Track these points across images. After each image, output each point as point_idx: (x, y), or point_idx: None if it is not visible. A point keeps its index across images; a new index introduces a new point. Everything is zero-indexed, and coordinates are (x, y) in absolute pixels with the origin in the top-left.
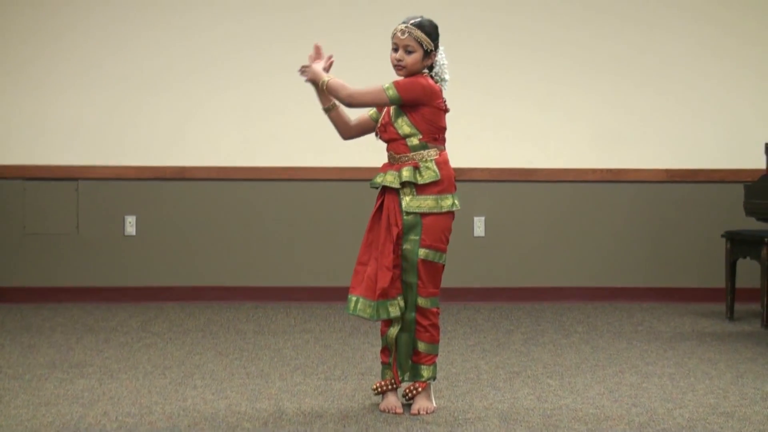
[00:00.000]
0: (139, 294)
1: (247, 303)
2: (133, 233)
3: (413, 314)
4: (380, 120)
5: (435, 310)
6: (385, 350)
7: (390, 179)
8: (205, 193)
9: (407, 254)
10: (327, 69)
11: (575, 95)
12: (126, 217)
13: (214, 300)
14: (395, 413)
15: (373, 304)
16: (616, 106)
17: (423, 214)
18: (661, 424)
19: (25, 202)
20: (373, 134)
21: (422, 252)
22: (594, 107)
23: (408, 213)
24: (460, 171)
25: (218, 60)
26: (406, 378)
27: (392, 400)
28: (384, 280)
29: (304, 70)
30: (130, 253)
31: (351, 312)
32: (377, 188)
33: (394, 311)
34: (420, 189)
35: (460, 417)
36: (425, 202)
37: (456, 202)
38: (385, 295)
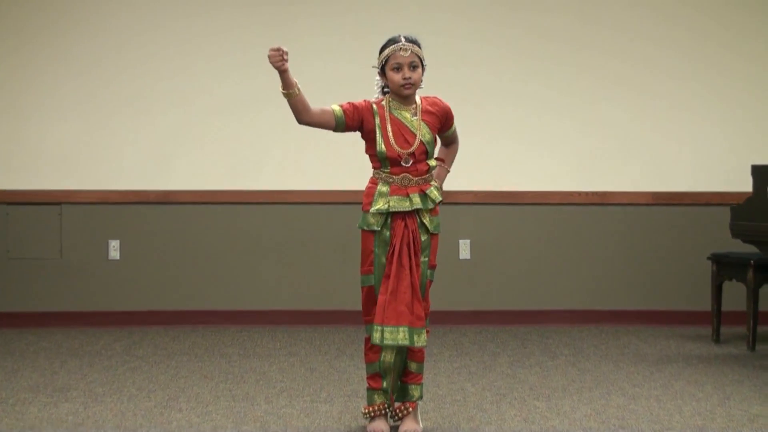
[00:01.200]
0: (123, 318)
1: (231, 326)
2: (117, 257)
3: None
4: (411, 150)
5: (428, 329)
6: (375, 376)
7: (418, 201)
8: (189, 217)
9: (420, 276)
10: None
11: (561, 119)
12: (110, 241)
13: (199, 324)
14: None
15: (414, 330)
16: (603, 130)
17: (432, 235)
18: None
19: (8, 227)
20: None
21: (429, 273)
22: (580, 130)
23: (428, 234)
24: (446, 194)
25: (202, 84)
26: (395, 398)
27: (380, 423)
28: (420, 308)
29: None
30: (114, 278)
31: (399, 342)
32: (393, 213)
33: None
34: (432, 210)
35: None
36: (437, 222)
37: None
38: (420, 321)
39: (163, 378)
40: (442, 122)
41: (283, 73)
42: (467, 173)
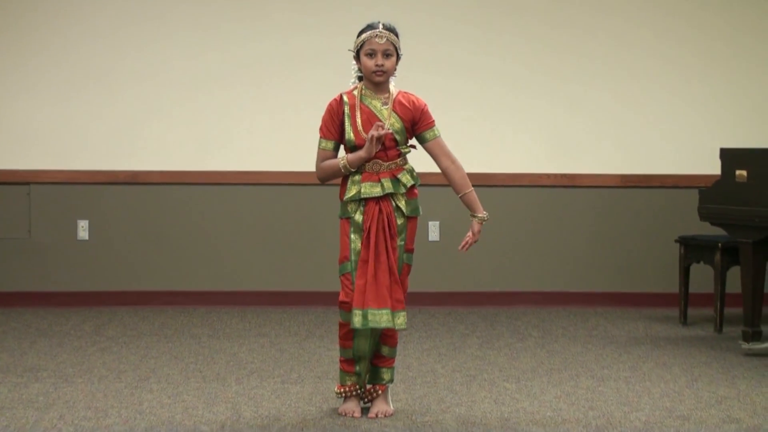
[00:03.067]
0: (92, 298)
1: (200, 307)
2: (86, 238)
3: None
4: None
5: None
6: (349, 361)
7: (390, 185)
8: (158, 197)
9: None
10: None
11: (530, 100)
12: (79, 221)
13: (168, 304)
14: (353, 417)
15: (394, 313)
16: (572, 112)
17: (410, 218)
18: (618, 427)
19: None
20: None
21: (406, 256)
22: (549, 112)
23: (404, 217)
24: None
25: (171, 63)
26: (366, 380)
27: (351, 404)
28: (399, 292)
29: None
30: (82, 258)
31: (381, 325)
32: (366, 199)
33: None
34: (409, 193)
35: (417, 420)
36: (415, 205)
37: None
38: (400, 304)
39: (133, 358)
40: (416, 118)
41: (368, 157)
42: None
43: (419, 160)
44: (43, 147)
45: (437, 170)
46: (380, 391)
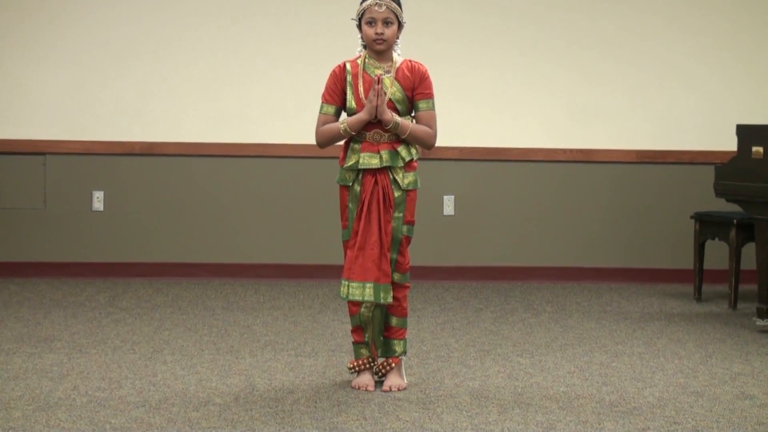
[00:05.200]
0: (106, 269)
1: (214, 279)
2: (101, 209)
3: None
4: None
5: (408, 284)
6: (358, 329)
7: (388, 158)
8: (173, 168)
9: (393, 232)
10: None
11: (547, 75)
12: (94, 192)
13: (182, 276)
14: (367, 390)
15: (380, 286)
16: (588, 86)
17: (408, 191)
18: (632, 402)
19: None
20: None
21: (405, 228)
22: (565, 87)
23: (402, 190)
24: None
25: (186, 34)
26: (379, 354)
27: (365, 378)
28: (387, 265)
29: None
30: (97, 229)
31: (364, 298)
32: (363, 169)
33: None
34: (407, 166)
35: (431, 394)
36: (413, 178)
37: None
38: (387, 278)
39: (147, 330)
40: (416, 84)
41: (368, 119)
42: (451, 129)
43: None
44: (58, 117)
45: (452, 144)
46: (393, 364)
